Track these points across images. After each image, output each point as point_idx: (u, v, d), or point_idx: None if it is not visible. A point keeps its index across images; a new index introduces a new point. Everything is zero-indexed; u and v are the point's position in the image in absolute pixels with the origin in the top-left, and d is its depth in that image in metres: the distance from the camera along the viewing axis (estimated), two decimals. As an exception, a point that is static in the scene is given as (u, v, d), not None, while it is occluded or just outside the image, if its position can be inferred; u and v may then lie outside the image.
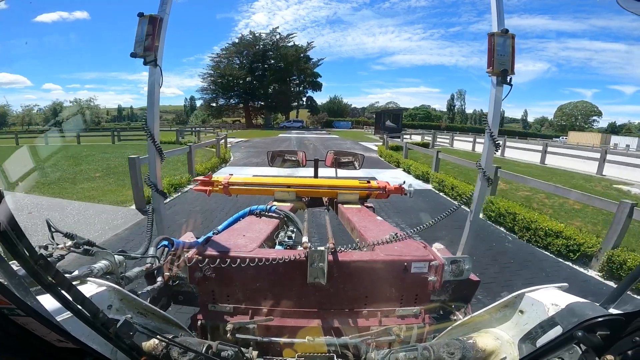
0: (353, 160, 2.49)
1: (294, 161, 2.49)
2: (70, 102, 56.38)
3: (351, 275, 1.05)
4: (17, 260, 0.43)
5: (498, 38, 1.34)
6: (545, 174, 9.26)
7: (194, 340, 0.80)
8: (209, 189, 1.90)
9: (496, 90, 1.39)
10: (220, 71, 50.71)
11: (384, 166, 11.40)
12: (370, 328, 1.00)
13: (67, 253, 0.92)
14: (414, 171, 9.27)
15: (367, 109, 66.12)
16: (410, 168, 9.72)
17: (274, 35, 52.92)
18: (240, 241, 1.18)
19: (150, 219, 1.38)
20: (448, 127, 48.05)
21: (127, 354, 0.62)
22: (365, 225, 1.46)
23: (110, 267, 0.93)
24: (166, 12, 1.38)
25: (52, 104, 61.61)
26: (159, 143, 1.46)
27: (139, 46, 1.33)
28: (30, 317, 0.45)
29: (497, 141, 1.44)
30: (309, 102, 58.26)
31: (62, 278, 0.49)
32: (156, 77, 1.38)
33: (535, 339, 0.71)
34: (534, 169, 10.52)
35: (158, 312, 0.85)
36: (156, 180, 1.48)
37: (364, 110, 66.52)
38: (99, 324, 0.53)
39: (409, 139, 17.35)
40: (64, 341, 0.51)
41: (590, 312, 0.58)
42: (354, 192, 1.93)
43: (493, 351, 0.79)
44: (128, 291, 0.83)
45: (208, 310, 1.06)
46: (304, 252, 1.00)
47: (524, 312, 0.80)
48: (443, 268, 1.08)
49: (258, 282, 1.04)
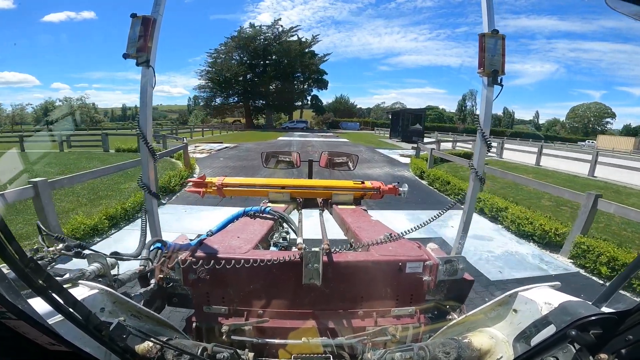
0: (347, 161, 2.50)
1: (288, 162, 2.50)
2: (60, 101, 53.54)
3: (346, 276, 1.06)
4: (7, 263, 0.43)
5: (489, 39, 1.35)
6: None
7: (189, 342, 0.80)
8: (202, 190, 1.90)
9: (487, 91, 1.40)
10: (217, 67, 46.19)
11: (435, 201, 6.64)
12: (366, 328, 1.01)
13: (58, 256, 0.91)
14: (528, 226, 4.72)
15: (372, 110, 65.28)
16: (509, 217, 5.11)
17: (276, 28, 48.03)
18: (234, 242, 1.18)
19: (143, 221, 1.38)
20: (466, 130, 40.48)
21: (120, 357, 0.62)
22: (359, 226, 1.47)
23: (103, 269, 0.93)
24: (159, 13, 1.37)
25: (44, 102, 59.52)
26: (152, 144, 1.45)
27: (132, 47, 1.32)
28: (21, 321, 0.45)
29: (489, 141, 1.45)
30: (313, 101, 54.08)
31: (53, 281, 0.48)
32: (148, 78, 1.37)
33: (529, 338, 0.72)
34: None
35: (152, 315, 0.84)
36: (149, 182, 1.46)
37: (369, 111, 65.27)
38: (92, 327, 0.53)
39: (434, 145, 12.33)
40: (57, 345, 0.51)
41: (583, 311, 0.59)
42: (349, 192, 1.94)
43: (488, 350, 0.80)
44: (121, 294, 0.83)
45: (203, 312, 1.05)
46: (298, 253, 1.00)
47: (518, 311, 0.82)
48: (437, 268, 1.09)
49: (253, 284, 1.04)
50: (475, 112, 61.59)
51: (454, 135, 24.64)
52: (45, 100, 60.09)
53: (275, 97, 49.64)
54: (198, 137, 24.54)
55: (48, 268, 0.88)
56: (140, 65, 1.34)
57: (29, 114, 58.49)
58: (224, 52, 47.39)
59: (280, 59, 47.75)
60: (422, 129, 25.14)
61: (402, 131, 25.12)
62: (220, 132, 32.77)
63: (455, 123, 54.12)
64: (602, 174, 10.25)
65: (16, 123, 54.85)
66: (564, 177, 9.99)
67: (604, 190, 6.10)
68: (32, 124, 56.16)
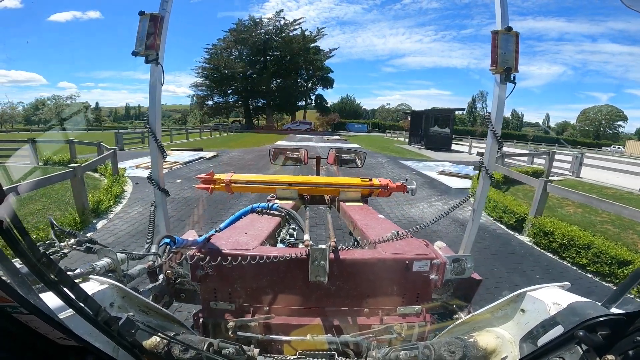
0: (355, 158, 2.47)
1: (296, 159, 2.48)
2: (49, 100, 49.73)
3: (352, 274, 1.04)
4: (20, 258, 0.43)
5: (502, 36, 1.34)
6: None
7: (196, 337, 0.80)
8: (211, 186, 1.90)
9: (499, 89, 1.39)
10: (214, 63, 42.48)
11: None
12: (371, 326, 1.00)
13: (69, 251, 0.92)
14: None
15: (377, 111, 63.93)
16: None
17: (278, 20, 43.95)
18: (242, 239, 1.17)
19: (152, 216, 1.40)
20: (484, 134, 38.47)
21: (129, 352, 0.62)
22: (367, 224, 1.44)
23: (113, 265, 0.94)
24: (167, 11, 1.39)
25: (35, 101, 57.41)
26: (161, 141, 1.47)
27: (140, 45, 1.33)
28: (33, 315, 0.45)
29: (500, 140, 1.44)
30: (318, 100, 50.20)
31: (65, 276, 0.48)
32: (157, 75, 1.39)
33: (536, 338, 0.70)
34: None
35: (160, 310, 0.85)
36: (158, 178, 1.50)
37: (374, 112, 63.85)
38: (101, 322, 0.53)
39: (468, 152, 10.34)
40: (67, 339, 0.51)
41: (592, 312, 0.57)
42: (356, 190, 1.92)
43: (494, 350, 0.78)
44: (130, 289, 0.83)
45: (210, 308, 1.05)
46: (305, 250, 1.00)
47: (526, 311, 0.80)
48: (445, 266, 1.07)
49: (259, 280, 1.03)
50: (485, 114, 59.72)
51: (472, 140, 20.65)
52: (36, 99, 57.51)
53: (277, 96, 45.55)
54: (182, 140, 20.89)
55: (59, 263, 0.87)
56: (149, 62, 1.36)
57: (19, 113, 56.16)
58: (222, 47, 43.73)
59: (282, 55, 43.59)
60: (451, 134, 20.21)
61: (425, 136, 20.11)
62: (220, 133, 30.69)
63: (475, 127, 49.29)
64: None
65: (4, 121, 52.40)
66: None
67: None
68: (22, 122, 54.47)
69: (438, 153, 17.52)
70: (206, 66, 43.59)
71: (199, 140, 21.84)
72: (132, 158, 11.56)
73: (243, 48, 43.51)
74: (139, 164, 10.15)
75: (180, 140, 20.84)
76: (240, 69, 42.45)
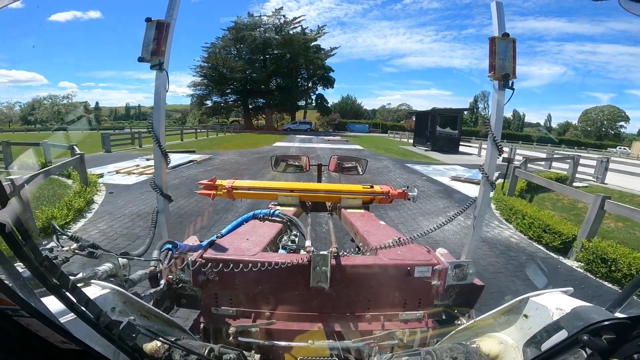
0: (356, 165, 2.47)
1: (297, 166, 2.48)
2: (46, 99, 48.39)
3: (354, 280, 1.05)
4: (22, 262, 0.43)
5: (499, 42, 1.35)
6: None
7: (196, 343, 0.80)
8: (212, 192, 1.90)
9: (498, 95, 1.40)
10: (212, 61, 41.40)
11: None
12: (373, 332, 1.00)
13: (71, 255, 0.92)
14: None
15: (378, 111, 63.40)
16: None
17: (278, 18, 43.01)
18: (243, 245, 1.17)
19: (153, 221, 1.41)
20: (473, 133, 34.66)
21: (129, 356, 0.62)
22: (368, 230, 1.45)
23: (114, 269, 0.94)
24: (173, 18, 1.41)
25: (32, 100, 56.60)
26: (165, 147, 1.48)
27: (146, 51, 1.35)
28: (34, 318, 0.45)
29: (500, 145, 1.46)
30: (318, 100, 49.24)
31: (67, 280, 0.49)
32: (162, 81, 1.41)
33: (539, 343, 0.69)
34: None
35: (161, 315, 0.85)
36: (161, 183, 1.51)
37: (374, 112, 63.32)
38: (102, 326, 0.54)
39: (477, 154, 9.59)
40: (67, 343, 0.51)
41: (596, 316, 0.57)
42: (357, 196, 1.92)
43: (497, 356, 0.78)
44: (131, 294, 0.83)
45: (211, 313, 1.05)
46: (306, 256, 1.00)
47: (529, 316, 0.80)
48: (447, 272, 1.07)
49: (261, 286, 1.04)
50: (487, 115, 59.14)
51: (480, 141, 19.74)
52: (33, 99, 56.72)
53: (277, 96, 44.42)
54: (176, 141, 20.00)
55: (61, 267, 0.86)
56: (154, 68, 1.38)
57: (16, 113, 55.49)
58: (221, 45, 42.62)
59: (282, 53, 42.53)
60: (459, 135, 19.23)
61: (432, 137, 19.05)
62: (217, 133, 29.91)
63: (480, 127, 45.68)
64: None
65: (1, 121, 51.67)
66: None
67: None
68: (19, 122, 53.81)
69: (446, 155, 16.70)
70: (204, 65, 42.61)
71: (194, 142, 20.94)
72: (117, 161, 10.68)
73: (242, 46, 42.34)
74: (120, 169, 9.22)
75: (174, 141, 19.93)
76: (239, 67, 41.39)
